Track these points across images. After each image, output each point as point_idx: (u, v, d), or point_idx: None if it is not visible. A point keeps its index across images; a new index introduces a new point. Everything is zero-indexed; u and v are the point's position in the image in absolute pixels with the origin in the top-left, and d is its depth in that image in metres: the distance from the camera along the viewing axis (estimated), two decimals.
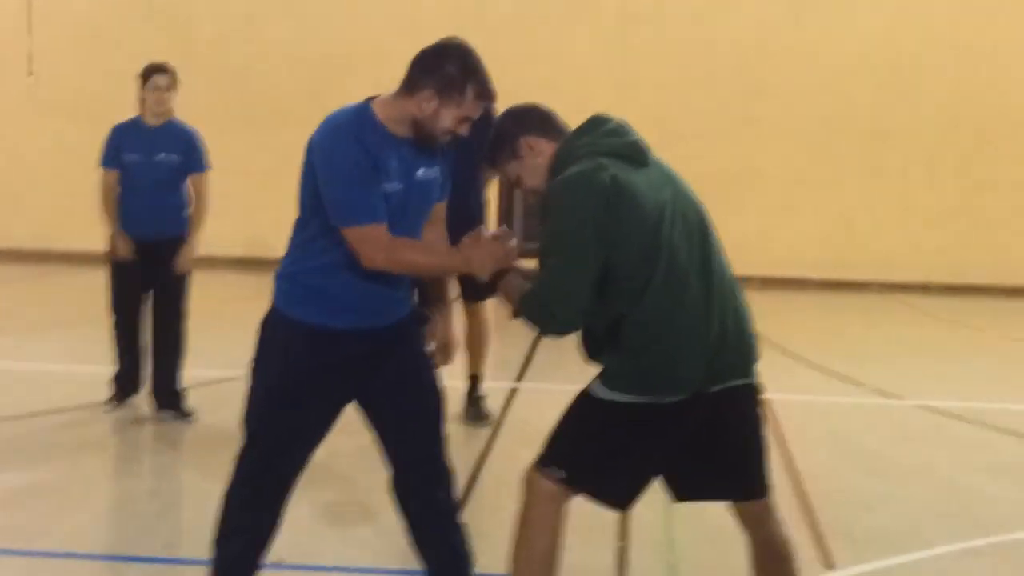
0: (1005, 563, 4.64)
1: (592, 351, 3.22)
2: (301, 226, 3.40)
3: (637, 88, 13.50)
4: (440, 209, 3.53)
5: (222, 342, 8.22)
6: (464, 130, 3.32)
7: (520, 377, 7.94)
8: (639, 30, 13.77)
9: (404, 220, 3.31)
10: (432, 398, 3.52)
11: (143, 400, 6.67)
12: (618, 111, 3.30)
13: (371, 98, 3.39)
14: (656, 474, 3.25)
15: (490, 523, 4.35)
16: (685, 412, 3.12)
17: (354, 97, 3.44)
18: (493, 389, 7.13)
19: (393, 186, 3.26)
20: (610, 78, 13.60)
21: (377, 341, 3.42)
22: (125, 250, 6.42)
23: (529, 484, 3.25)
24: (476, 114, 3.30)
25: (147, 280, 6.52)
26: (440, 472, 3.53)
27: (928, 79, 13.74)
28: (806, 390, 7.79)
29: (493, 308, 6.61)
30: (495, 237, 3.28)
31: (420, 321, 3.57)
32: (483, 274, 3.27)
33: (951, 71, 13.70)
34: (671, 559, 4.42)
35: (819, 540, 4.69)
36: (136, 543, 4.62)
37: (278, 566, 3.79)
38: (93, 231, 6.78)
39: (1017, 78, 13.69)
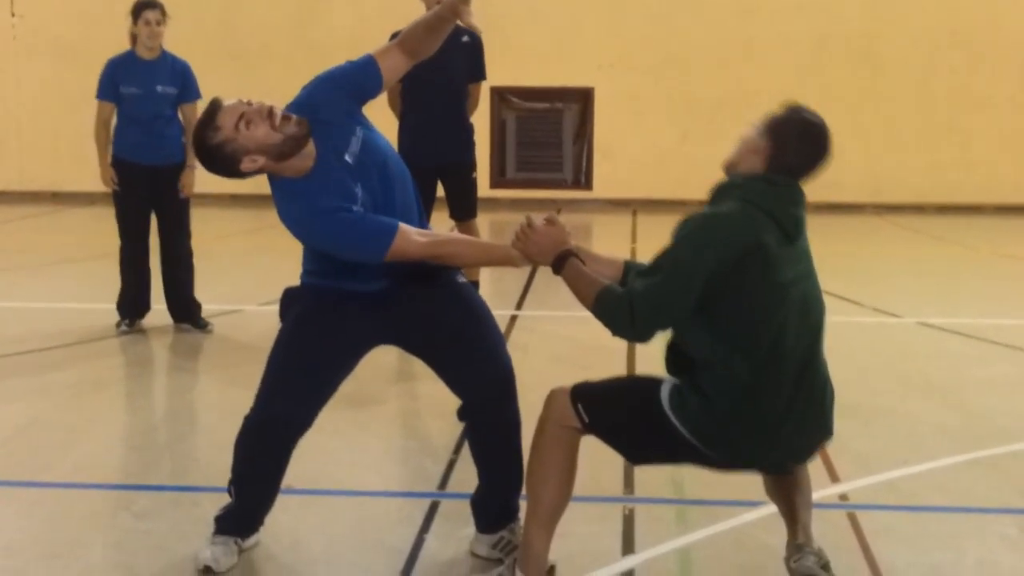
0: (1004, 474, 4.69)
1: (674, 369, 3.24)
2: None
3: (621, 16, 13.37)
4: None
5: (219, 276, 8.26)
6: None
7: (519, 305, 7.96)
8: None
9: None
10: (483, 322, 3.59)
11: (150, 322, 7.01)
12: (602, 40, 3.28)
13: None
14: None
15: None
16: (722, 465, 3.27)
17: (336, 28, 3.44)
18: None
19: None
20: (595, 7, 13.44)
21: (405, 291, 3.50)
22: (114, 180, 6.80)
23: (553, 402, 3.29)
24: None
25: (150, 205, 6.90)
26: (507, 389, 3.59)
27: None
28: None
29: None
30: (548, 222, 3.28)
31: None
32: (543, 263, 3.28)
33: None
34: (676, 476, 4.44)
35: (823, 455, 4.73)
36: (144, 473, 4.65)
37: (287, 491, 3.81)
38: (81, 171, 6.88)
39: None
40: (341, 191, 3.30)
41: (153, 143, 6.77)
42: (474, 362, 3.54)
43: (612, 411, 3.26)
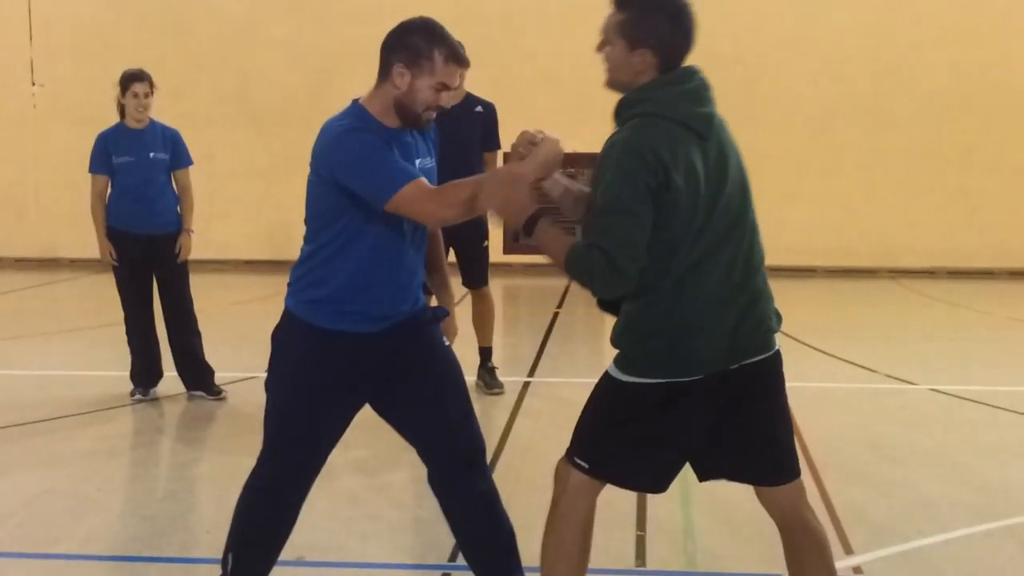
0: (1020, 544, 4.64)
1: (615, 331, 3.16)
2: (312, 238, 3.41)
3: None
4: None
5: (234, 342, 8.28)
6: (445, 100, 3.31)
7: (532, 372, 7.96)
8: None
9: None
10: (457, 390, 3.53)
11: (164, 390, 7.03)
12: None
13: (356, 100, 3.39)
14: (683, 457, 3.21)
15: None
16: (707, 392, 3.08)
17: (354, 93, 3.46)
18: (506, 383, 7.19)
19: None
20: None
21: (391, 339, 3.42)
22: (112, 255, 6.86)
23: (559, 476, 3.24)
24: (452, 80, 3.29)
25: (150, 273, 6.97)
26: (477, 460, 3.53)
27: (928, 62, 13.71)
28: (818, 377, 7.78)
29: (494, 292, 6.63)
30: (539, 140, 3.26)
31: (437, 318, 3.58)
32: (516, 221, 3.19)
33: (951, 53, 13.65)
34: (689, 547, 4.43)
35: (836, 526, 4.70)
36: (153, 544, 4.64)
37: (299, 563, 3.80)
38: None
39: (1018, 59, 13.64)
40: (385, 145, 3.27)
41: (148, 211, 6.84)
42: (445, 429, 3.49)
43: (597, 434, 3.19)
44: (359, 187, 3.22)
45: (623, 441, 3.15)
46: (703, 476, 3.28)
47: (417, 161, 3.37)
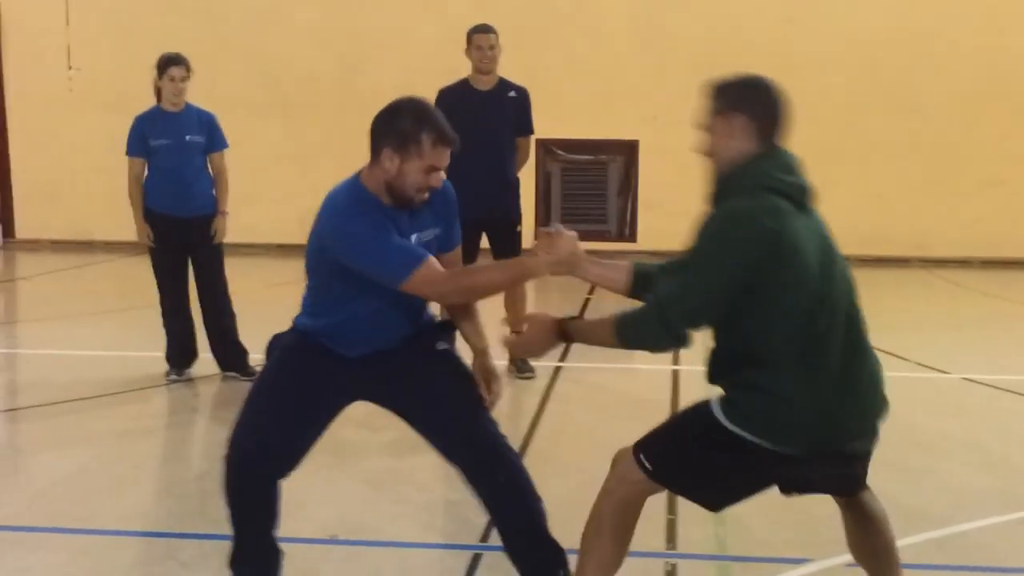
0: None
1: (717, 375, 3.16)
2: (313, 288, 3.55)
3: (664, 70, 13.44)
4: (455, 256, 3.65)
5: (268, 324, 8.31)
6: (436, 182, 3.36)
7: (563, 357, 7.97)
8: (665, 11, 13.70)
9: None
10: (461, 392, 3.56)
11: (198, 371, 7.10)
12: (646, 93, 3.33)
13: (357, 174, 3.46)
14: (753, 493, 3.23)
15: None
16: (798, 462, 3.09)
17: (382, 80, 3.52)
18: (538, 368, 7.21)
19: None
20: (639, 60, 13.54)
21: (384, 362, 3.53)
22: (149, 236, 6.92)
23: (617, 463, 3.23)
24: (441, 162, 3.35)
25: (185, 255, 7.02)
26: (493, 459, 3.53)
27: (959, 49, 13.56)
28: None
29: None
30: (554, 235, 3.33)
31: (443, 329, 3.65)
32: (547, 272, 3.32)
33: (983, 41, 13.50)
34: (720, 532, 4.44)
35: None
36: (187, 521, 4.70)
37: (332, 541, 3.84)
38: (131, 220, 7.04)
39: None
40: (389, 227, 3.35)
41: (184, 194, 6.91)
42: (456, 425, 3.52)
43: (674, 449, 3.17)
44: (371, 271, 3.30)
45: (698, 467, 3.14)
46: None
47: (415, 236, 3.42)
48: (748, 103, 3.16)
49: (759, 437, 3.01)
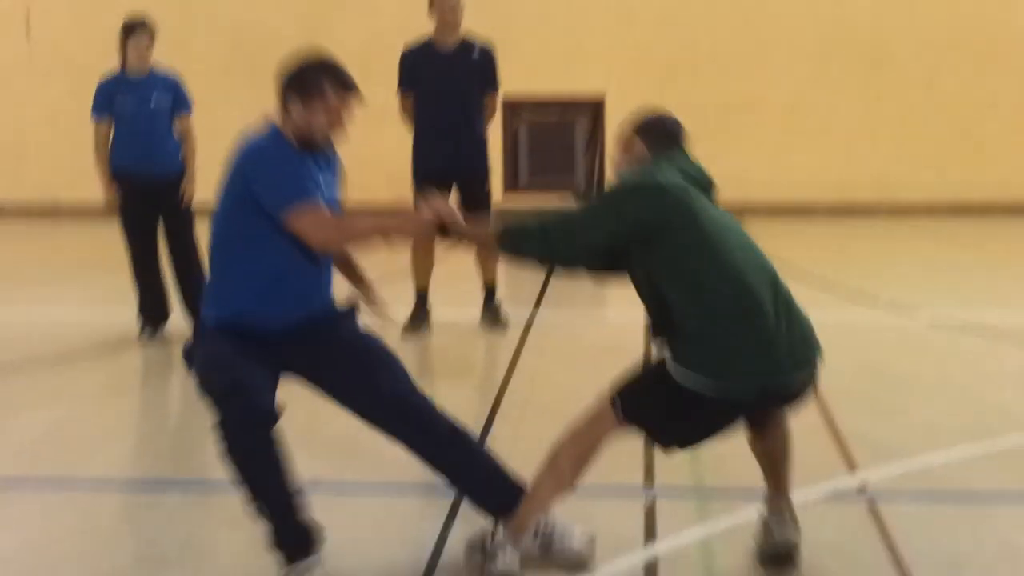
0: (1016, 465, 4.73)
1: (661, 332, 3.40)
2: (216, 260, 3.62)
3: (633, 23, 13.45)
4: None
5: None
6: (341, 124, 3.57)
7: (536, 306, 8.02)
8: None
9: None
10: (385, 360, 3.68)
11: (171, 332, 7.10)
12: (615, 45, 3.51)
13: (272, 123, 3.63)
14: (716, 435, 3.46)
15: (512, 447, 4.45)
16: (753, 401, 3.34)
17: (344, 41, 3.63)
18: (511, 319, 7.26)
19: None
20: (608, 13, 13.53)
21: (301, 332, 3.60)
22: (116, 198, 6.93)
23: (600, 401, 3.44)
24: (344, 105, 3.55)
25: (154, 215, 7.01)
26: (424, 419, 3.70)
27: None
28: (819, 309, 7.79)
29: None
30: (432, 200, 3.57)
31: (350, 311, 3.77)
32: (419, 235, 3.58)
33: None
34: (697, 469, 4.50)
35: (841, 446, 4.79)
36: (173, 469, 4.76)
37: (316, 484, 3.88)
38: (96, 185, 7.02)
39: None
40: (302, 166, 3.53)
41: (150, 154, 6.91)
42: (378, 390, 3.63)
43: (642, 397, 3.39)
44: (265, 193, 3.45)
45: (661, 413, 3.37)
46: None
47: (321, 177, 3.59)
48: (647, 136, 3.56)
49: (707, 377, 3.24)
